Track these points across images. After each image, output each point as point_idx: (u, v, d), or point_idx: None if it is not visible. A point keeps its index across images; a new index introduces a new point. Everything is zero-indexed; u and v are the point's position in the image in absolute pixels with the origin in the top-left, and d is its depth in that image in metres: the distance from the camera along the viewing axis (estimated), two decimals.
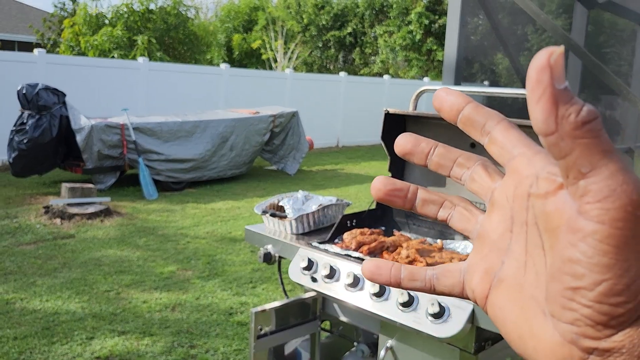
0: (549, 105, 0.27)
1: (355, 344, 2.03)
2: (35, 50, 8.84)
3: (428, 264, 1.64)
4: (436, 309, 1.41)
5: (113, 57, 11.49)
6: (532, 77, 0.28)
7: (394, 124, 1.98)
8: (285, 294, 2.20)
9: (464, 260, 0.36)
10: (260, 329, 1.87)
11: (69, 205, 5.70)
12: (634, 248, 0.28)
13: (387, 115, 1.98)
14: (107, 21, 12.30)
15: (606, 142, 0.27)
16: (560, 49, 0.28)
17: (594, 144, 0.27)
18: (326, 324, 2.10)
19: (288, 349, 2.11)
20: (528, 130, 0.43)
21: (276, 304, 1.93)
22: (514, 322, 0.32)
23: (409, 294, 1.49)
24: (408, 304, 1.48)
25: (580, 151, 0.27)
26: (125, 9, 12.27)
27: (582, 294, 0.28)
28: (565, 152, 0.27)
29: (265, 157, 8.83)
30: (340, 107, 13.36)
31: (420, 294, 1.50)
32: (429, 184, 2.08)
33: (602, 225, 0.27)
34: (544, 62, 0.27)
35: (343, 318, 1.91)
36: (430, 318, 1.42)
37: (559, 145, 0.27)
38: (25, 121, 6.59)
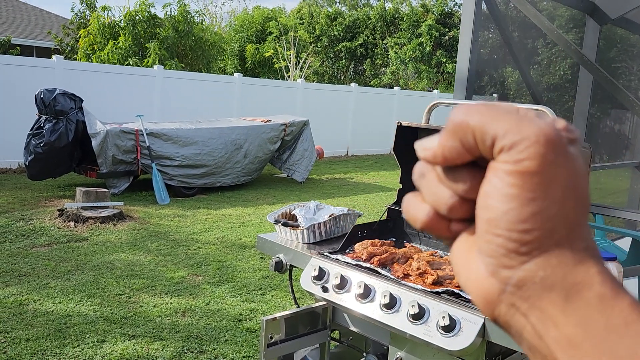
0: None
1: (364, 354, 2.05)
2: (54, 56, 9.00)
3: (439, 277, 1.66)
4: (447, 322, 1.43)
5: (129, 64, 11.65)
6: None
7: (406, 136, 2.02)
8: (296, 303, 2.23)
9: None
10: (271, 337, 1.90)
11: (83, 208, 5.78)
12: (541, 179, 0.31)
13: (400, 128, 2.01)
14: (120, 30, 12.46)
15: (498, 108, 0.32)
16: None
17: (482, 123, 0.32)
18: (336, 334, 2.12)
19: (297, 358, 2.14)
20: None
21: (287, 312, 1.95)
22: (459, 256, 0.35)
23: (419, 306, 1.52)
24: (419, 316, 1.50)
25: (477, 131, 0.32)
26: (130, 20, 12.40)
27: (494, 224, 0.31)
28: (469, 137, 0.33)
29: (274, 164, 8.90)
30: (350, 117, 13.42)
31: (431, 308, 1.52)
32: None
33: (509, 164, 0.31)
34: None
35: (353, 328, 1.94)
36: (440, 331, 1.45)
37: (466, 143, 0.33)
38: (42, 125, 6.70)
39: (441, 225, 0.36)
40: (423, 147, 0.35)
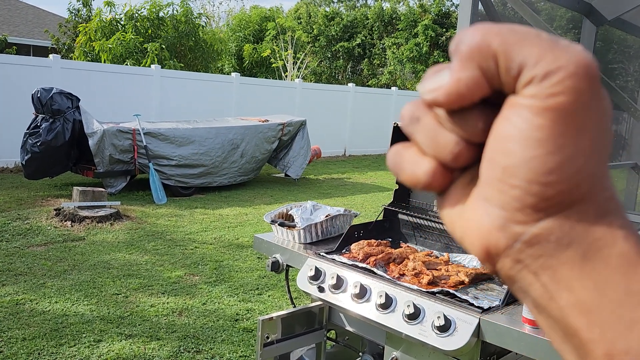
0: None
1: (360, 354, 2.06)
2: (51, 56, 8.99)
3: (435, 277, 1.67)
4: (442, 322, 1.44)
5: (126, 64, 11.64)
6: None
7: (403, 137, 2.02)
8: (292, 303, 2.24)
9: (471, 273, 0.36)
10: (267, 337, 1.90)
11: (80, 208, 5.77)
12: (573, 124, 0.25)
13: (396, 128, 2.02)
14: (120, 27, 12.46)
15: (520, 31, 0.26)
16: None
17: (508, 46, 0.26)
18: (332, 334, 2.13)
19: (293, 358, 2.14)
20: None
21: (283, 312, 1.96)
22: (450, 202, 0.30)
23: (415, 306, 1.53)
24: (414, 316, 1.51)
25: (502, 55, 0.26)
26: (135, 14, 12.42)
27: (512, 172, 0.26)
28: (491, 63, 0.26)
29: (270, 162, 8.90)
30: (348, 117, 13.43)
31: (426, 308, 1.53)
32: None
33: (538, 99, 0.25)
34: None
35: (349, 328, 1.95)
36: (436, 331, 1.45)
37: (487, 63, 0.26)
38: (39, 124, 6.69)
39: (446, 180, 0.30)
40: (429, 88, 0.28)
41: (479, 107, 0.28)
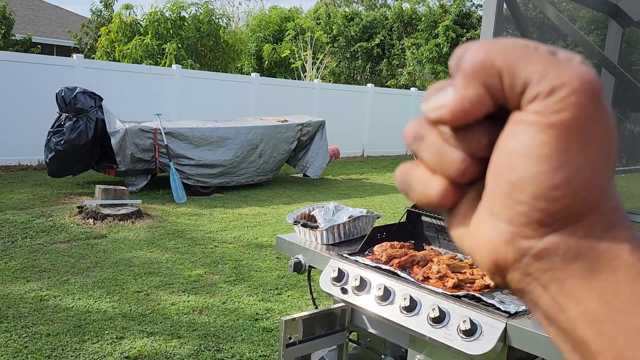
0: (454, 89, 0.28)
1: (382, 357, 2.05)
2: (74, 55, 9.14)
3: (460, 280, 1.66)
4: (468, 326, 1.43)
5: (146, 64, 11.79)
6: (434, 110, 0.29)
7: None
8: (314, 304, 2.24)
9: None
10: (290, 338, 1.91)
11: (102, 206, 5.86)
12: (577, 139, 0.26)
13: None
14: (141, 29, 12.61)
15: (524, 46, 0.27)
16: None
17: (511, 63, 0.26)
18: (354, 336, 2.12)
19: (315, 359, 2.14)
20: None
21: (305, 313, 1.96)
22: (458, 217, 0.31)
23: (440, 309, 1.52)
24: (439, 319, 1.50)
25: (506, 73, 0.26)
26: (158, 16, 12.56)
27: (518, 188, 0.27)
28: (495, 81, 0.27)
29: (289, 162, 8.92)
30: (366, 118, 13.40)
31: (451, 311, 1.52)
32: None
33: (543, 115, 0.26)
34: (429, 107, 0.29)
35: (371, 330, 1.94)
36: (461, 335, 1.44)
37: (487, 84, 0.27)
38: (62, 123, 6.81)
39: (457, 197, 0.30)
40: (433, 106, 0.28)
41: (482, 123, 0.28)
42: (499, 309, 1.49)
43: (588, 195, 0.26)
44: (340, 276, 1.84)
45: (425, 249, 2.04)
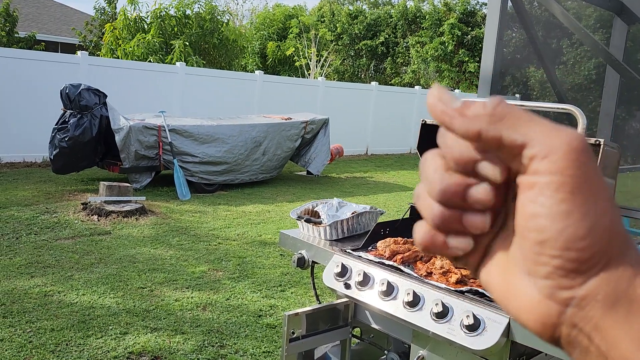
0: (456, 119, 0.32)
1: (385, 352, 2.05)
2: (79, 52, 9.16)
3: (463, 276, 1.65)
4: (471, 321, 1.42)
5: (150, 61, 11.81)
6: (436, 113, 0.33)
7: (431, 134, 2.01)
8: (318, 299, 2.24)
9: None
10: (293, 333, 1.91)
11: (106, 202, 5.87)
12: (588, 191, 0.29)
13: (424, 126, 2.00)
14: (146, 26, 12.63)
15: (524, 113, 0.30)
16: (436, 87, 0.33)
17: (513, 119, 0.30)
18: (357, 331, 2.13)
19: (318, 354, 2.15)
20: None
21: (308, 308, 1.96)
22: (498, 283, 0.33)
23: (443, 304, 1.52)
24: (442, 314, 1.50)
25: (506, 131, 0.30)
26: (162, 13, 12.57)
27: (549, 245, 0.29)
28: (496, 139, 0.30)
29: (292, 159, 8.92)
30: (370, 116, 13.38)
31: (455, 306, 1.52)
32: None
33: (554, 176, 0.29)
34: (433, 99, 0.33)
35: (375, 325, 1.94)
36: (464, 330, 1.44)
37: (488, 138, 0.30)
38: (67, 120, 6.83)
39: (480, 253, 0.33)
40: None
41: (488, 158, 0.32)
42: None
43: (612, 238, 0.29)
44: (344, 271, 1.84)
45: None
